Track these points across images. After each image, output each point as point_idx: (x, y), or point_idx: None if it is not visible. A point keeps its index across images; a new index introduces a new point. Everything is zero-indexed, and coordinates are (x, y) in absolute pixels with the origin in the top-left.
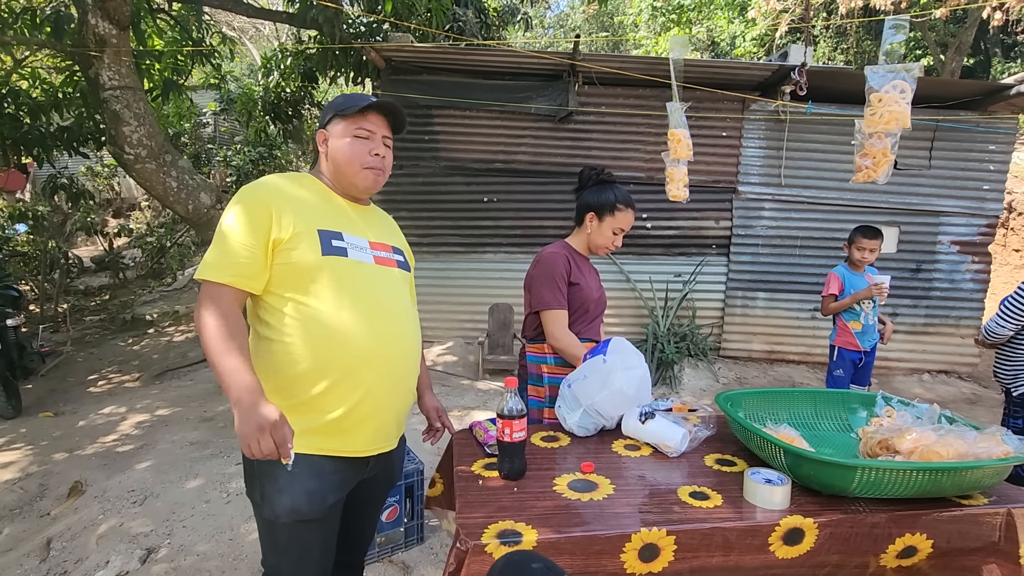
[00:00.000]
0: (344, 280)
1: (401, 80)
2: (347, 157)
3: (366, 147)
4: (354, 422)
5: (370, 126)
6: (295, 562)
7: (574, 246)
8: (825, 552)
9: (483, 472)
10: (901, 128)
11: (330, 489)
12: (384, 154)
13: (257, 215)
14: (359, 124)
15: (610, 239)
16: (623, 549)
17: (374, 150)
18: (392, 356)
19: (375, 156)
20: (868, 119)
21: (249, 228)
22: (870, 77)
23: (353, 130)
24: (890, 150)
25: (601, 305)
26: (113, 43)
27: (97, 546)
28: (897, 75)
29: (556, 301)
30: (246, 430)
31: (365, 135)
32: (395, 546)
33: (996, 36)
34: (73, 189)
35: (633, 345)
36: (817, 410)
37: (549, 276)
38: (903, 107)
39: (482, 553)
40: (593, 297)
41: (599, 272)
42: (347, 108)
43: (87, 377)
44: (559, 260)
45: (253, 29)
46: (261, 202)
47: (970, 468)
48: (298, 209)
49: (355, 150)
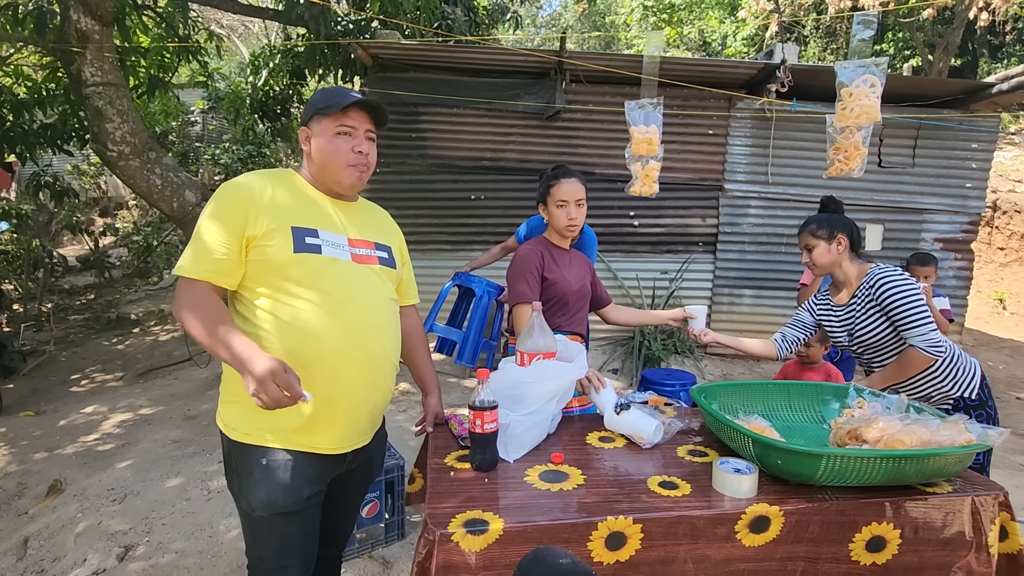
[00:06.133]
0: (317, 277)
1: (388, 78)
2: (330, 155)
3: (348, 144)
4: (325, 419)
5: (352, 122)
6: (277, 554)
7: (552, 240)
8: (792, 541)
9: (456, 464)
10: (871, 121)
11: (305, 482)
12: (367, 150)
13: (232, 212)
14: (341, 121)
15: (562, 215)
16: (590, 537)
17: (357, 147)
18: (365, 353)
19: (358, 153)
20: (839, 114)
21: (224, 225)
22: (840, 72)
23: (335, 127)
24: (862, 143)
25: (583, 297)
26: (96, 39)
27: (75, 544)
28: (867, 69)
29: (523, 296)
30: (252, 390)
31: (347, 132)
32: (375, 542)
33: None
34: (57, 187)
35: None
36: (791, 402)
37: (520, 272)
38: (873, 101)
39: (449, 542)
40: (572, 289)
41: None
42: (328, 106)
43: (70, 376)
44: (530, 256)
45: (243, 27)
46: (237, 199)
47: (932, 455)
48: (274, 206)
49: (337, 148)
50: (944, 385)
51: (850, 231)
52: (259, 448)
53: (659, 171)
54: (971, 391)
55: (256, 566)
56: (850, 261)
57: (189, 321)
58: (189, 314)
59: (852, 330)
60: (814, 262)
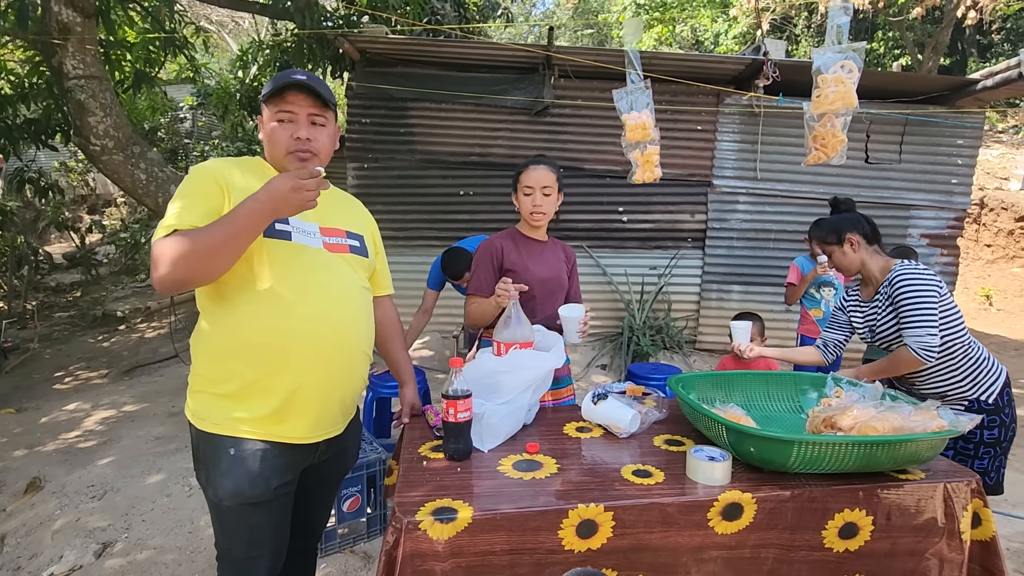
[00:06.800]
0: (285, 264)
1: (376, 72)
2: (274, 143)
3: (288, 131)
4: (294, 408)
5: (290, 107)
6: (246, 545)
7: (521, 230)
8: (764, 528)
9: (430, 454)
10: (848, 108)
11: (274, 472)
12: (311, 135)
13: (209, 189)
14: (279, 107)
15: (527, 202)
16: (560, 525)
17: (295, 133)
18: (336, 341)
19: (297, 140)
20: (815, 101)
21: (203, 196)
22: (817, 59)
23: (275, 115)
24: (841, 130)
25: (552, 285)
26: (77, 31)
27: (52, 541)
28: (845, 55)
29: (475, 288)
30: (288, 203)
31: (286, 118)
32: (357, 536)
33: (972, 37)
34: (42, 183)
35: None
36: (769, 392)
37: (477, 264)
38: (848, 86)
39: (416, 530)
40: (537, 278)
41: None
42: (267, 92)
43: (54, 374)
44: (488, 248)
45: (233, 23)
46: (211, 178)
47: (904, 441)
48: (243, 190)
49: (278, 136)
50: (962, 385)
51: (861, 227)
52: (227, 438)
53: (659, 154)
54: (989, 395)
55: (224, 557)
56: (872, 257)
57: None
58: (175, 242)
59: (874, 327)
60: (837, 268)
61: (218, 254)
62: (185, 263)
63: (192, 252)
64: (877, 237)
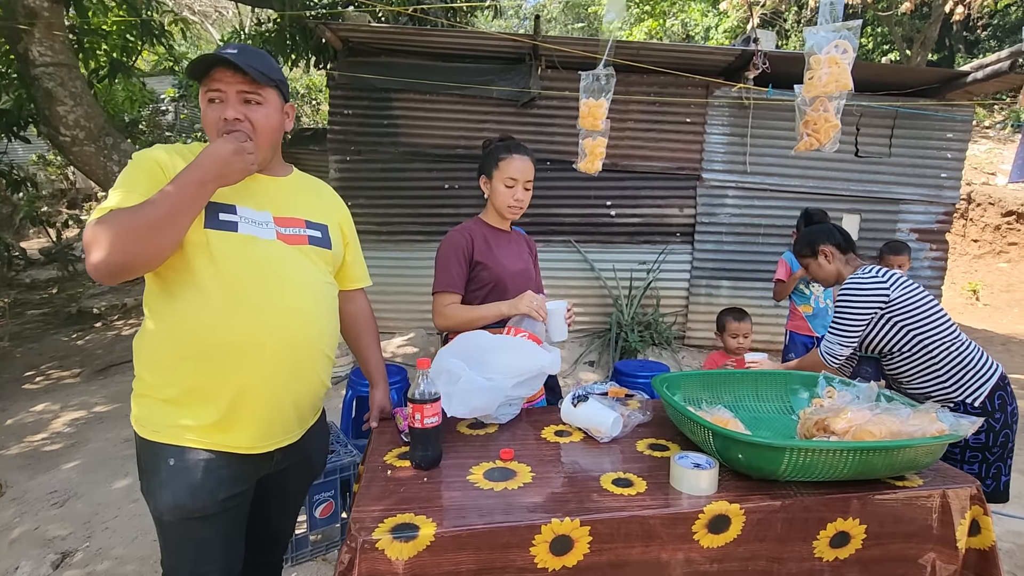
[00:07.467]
0: (232, 256)
1: (359, 62)
2: (206, 126)
3: (217, 113)
4: (240, 414)
5: (218, 86)
6: (192, 562)
7: (487, 220)
8: (753, 540)
9: (395, 462)
10: (843, 91)
11: (220, 484)
12: (242, 114)
13: (153, 172)
14: (207, 87)
15: (508, 195)
16: (532, 542)
17: (223, 114)
18: (286, 340)
19: (225, 121)
20: (807, 83)
21: (147, 180)
22: (809, 38)
23: (205, 95)
24: (834, 115)
25: (522, 279)
26: (45, 16)
27: (8, 551)
28: (839, 34)
29: (442, 283)
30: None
31: (216, 97)
32: (331, 543)
33: (959, 33)
34: (14, 176)
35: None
36: (758, 392)
37: (442, 257)
38: (842, 67)
39: (373, 550)
40: (509, 272)
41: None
42: (189, 71)
43: (23, 373)
44: (455, 240)
45: (216, 13)
46: (155, 162)
47: (902, 447)
48: None
49: (208, 119)
50: (945, 386)
51: (833, 238)
52: (167, 446)
53: (604, 148)
54: (975, 398)
55: (170, 575)
56: (845, 266)
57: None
58: (123, 223)
59: None
60: (815, 279)
61: (162, 230)
62: (123, 243)
63: (132, 229)
64: (851, 246)
